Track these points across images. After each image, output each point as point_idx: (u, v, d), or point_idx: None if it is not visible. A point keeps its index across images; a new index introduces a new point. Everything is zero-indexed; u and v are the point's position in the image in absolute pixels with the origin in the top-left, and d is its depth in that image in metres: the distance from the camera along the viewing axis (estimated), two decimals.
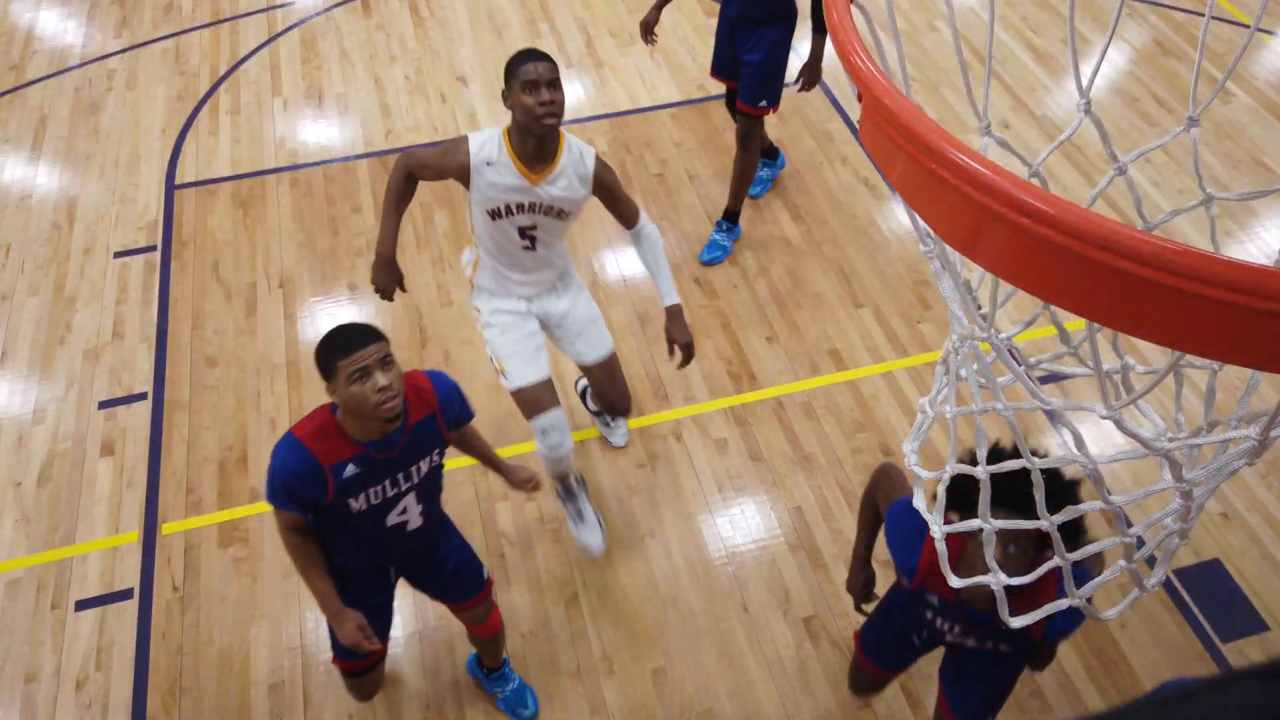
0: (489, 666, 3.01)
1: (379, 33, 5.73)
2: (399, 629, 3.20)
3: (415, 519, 2.44)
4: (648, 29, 4.09)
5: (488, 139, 2.78)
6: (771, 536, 3.44)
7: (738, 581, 3.32)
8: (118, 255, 4.49)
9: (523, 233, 2.88)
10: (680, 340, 2.99)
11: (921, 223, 0.68)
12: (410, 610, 3.24)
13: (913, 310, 4.18)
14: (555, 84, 2.68)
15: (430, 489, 2.46)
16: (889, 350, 4.03)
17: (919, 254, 4.45)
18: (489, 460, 2.72)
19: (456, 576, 2.70)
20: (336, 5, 5.94)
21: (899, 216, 4.61)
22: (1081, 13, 5.73)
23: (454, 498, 3.52)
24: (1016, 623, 1.13)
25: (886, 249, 4.44)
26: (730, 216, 4.36)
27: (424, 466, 2.38)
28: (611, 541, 3.40)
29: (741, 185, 4.27)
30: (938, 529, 1.00)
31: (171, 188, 4.81)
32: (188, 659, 3.16)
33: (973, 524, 1.00)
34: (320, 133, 5.09)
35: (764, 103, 3.99)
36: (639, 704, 3.04)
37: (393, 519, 2.40)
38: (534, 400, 3.00)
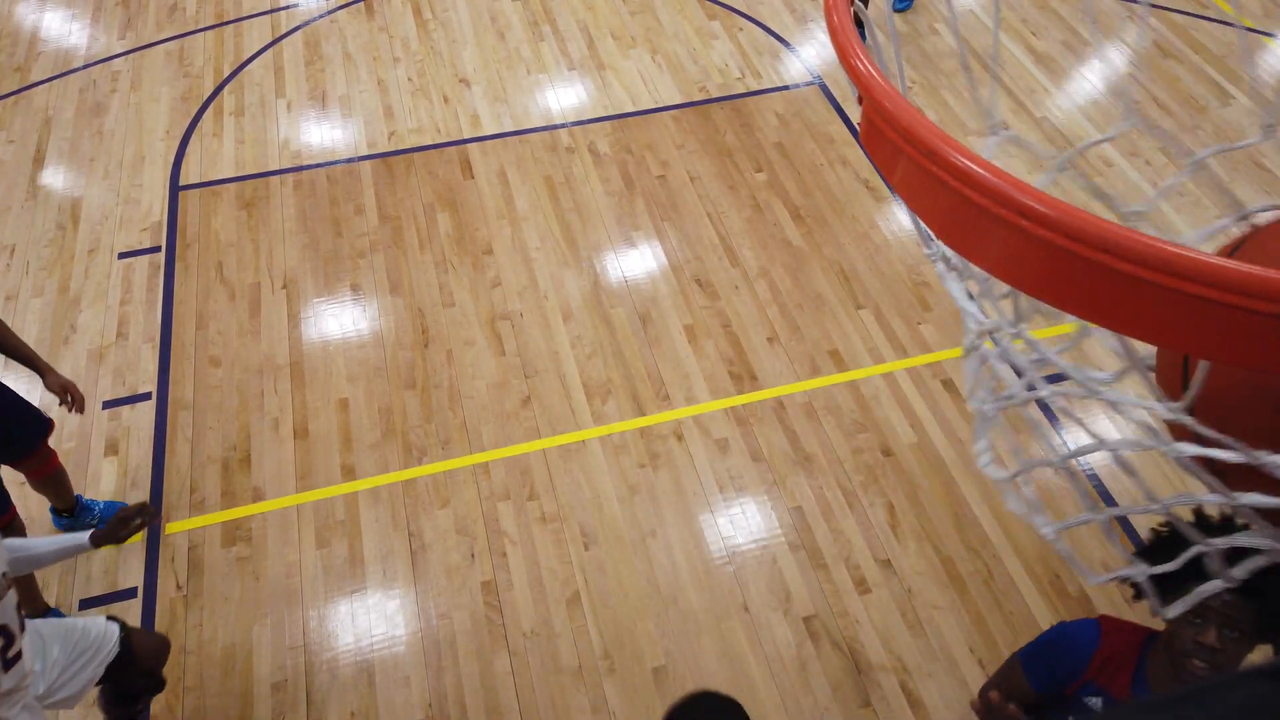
0: (64, 508, 3.07)
1: (382, 35, 5.74)
2: (400, 628, 3.21)
3: None
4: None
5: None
6: (772, 536, 3.45)
7: (738, 581, 3.34)
8: (122, 256, 4.50)
9: None
10: None
11: (924, 225, 0.70)
12: (411, 610, 3.26)
13: (913, 311, 4.19)
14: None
15: None
16: (889, 351, 4.04)
17: (920, 255, 4.46)
18: (19, 354, 2.75)
19: (20, 426, 2.82)
20: (340, 8, 5.96)
21: (899, 218, 4.62)
22: (1081, 14, 5.74)
23: (455, 497, 3.54)
24: (1171, 612, 1.09)
25: (887, 250, 4.45)
26: None
27: None
28: (612, 541, 3.42)
29: None
30: (1049, 529, 0.98)
31: (176, 189, 4.83)
32: (191, 658, 3.17)
33: (1031, 519, 1.00)
34: (323, 134, 5.11)
35: None
36: (640, 703, 3.05)
37: None
38: None
